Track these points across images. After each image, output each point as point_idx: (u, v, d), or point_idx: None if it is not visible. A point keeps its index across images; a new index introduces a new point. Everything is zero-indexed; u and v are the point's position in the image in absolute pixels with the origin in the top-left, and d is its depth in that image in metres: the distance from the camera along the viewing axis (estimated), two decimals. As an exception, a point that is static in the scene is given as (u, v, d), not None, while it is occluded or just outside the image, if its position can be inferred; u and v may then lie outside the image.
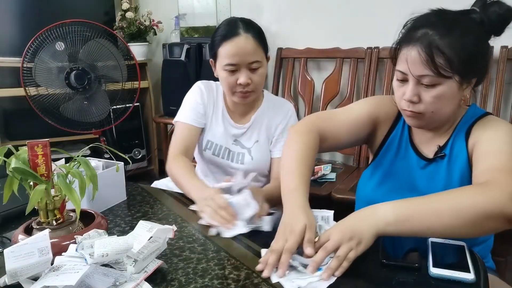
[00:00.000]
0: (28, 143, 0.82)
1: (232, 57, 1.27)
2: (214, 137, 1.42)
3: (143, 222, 0.83)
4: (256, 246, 0.91)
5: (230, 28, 1.29)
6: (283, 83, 2.55)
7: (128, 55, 2.34)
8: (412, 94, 0.93)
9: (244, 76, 1.28)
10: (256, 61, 1.28)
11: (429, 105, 0.93)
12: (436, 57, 0.88)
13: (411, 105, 0.94)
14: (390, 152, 1.10)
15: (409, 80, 0.93)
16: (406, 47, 0.93)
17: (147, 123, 3.04)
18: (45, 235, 0.74)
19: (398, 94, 0.98)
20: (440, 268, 0.78)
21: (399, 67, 0.95)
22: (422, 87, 0.92)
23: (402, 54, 0.94)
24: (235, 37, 1.27)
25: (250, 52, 1.27)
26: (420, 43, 0.89)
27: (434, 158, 1.02)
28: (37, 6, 2.64)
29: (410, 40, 0.92)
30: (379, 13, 2.22)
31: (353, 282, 0.78)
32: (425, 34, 0.90)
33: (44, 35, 2.05)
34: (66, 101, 2.14)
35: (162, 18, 2.91)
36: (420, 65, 0.90)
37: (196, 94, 1.43)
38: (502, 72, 1.95)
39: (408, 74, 0.93)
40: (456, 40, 0.89)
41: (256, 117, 1.42)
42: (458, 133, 1.00)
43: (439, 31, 0.89)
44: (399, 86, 0.97)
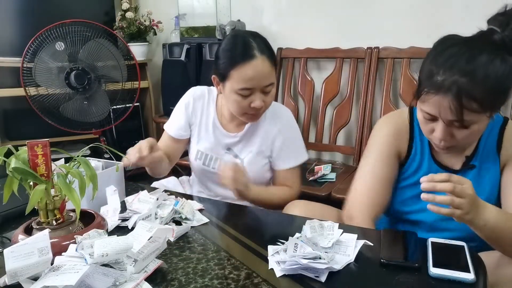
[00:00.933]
0: (28, 143, 0.82)
1: (249, 82, 1.19)
2: (204, 147, 1.39)
3: (143, 222, 0.83)
4: (256, 246, 0.91)
5: (245, 50, 1.20)
6: (283, 83, 2.55)
7: (128, 55, 2.35)
8: (444, 135, 0.92)
9: (259, 100, 1.22)
10: (271, 84, 1.23)
11: (462, 140, 0.93)
12: (467, 105, 0.86)
13: (443, 141, 0.94)
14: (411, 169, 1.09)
15: (439, 122, 0.92)
16: (434, 94, 0.89)
17: (147, 123, 3.04)
18: (45, 235, 0.74)
19: (426, 128, 0.97)
20: (440, 268, 0.78)
21: (427, 109, 0.92)
22: (454, 127, 0.91)
23: (430, 99, 0.90)
24: (252, 60, 1.18)
25: (266, 76, 1.21)
26: (451, 93, 0.86)
27: (461, 170, 1.02)
28: (37, 6, 2.64)
29: (439, 88, 0.88)
30: (379, 13, 2.22)
31: (353, 282, 0.78)
32: (454, 82, 0.86)
33: (44, 35, 2.05)
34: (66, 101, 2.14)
35: (162, 18, 2.91)
36: (451, 113, 0.88)
37: (182, 105, 1.41)
38: (502, 72, 1.95)
39: (438, 117, 0.91)
40: (485, 84, 0.86)
41: (251, 126, 1.36)
42: (487, 143, 1.01)
43: (467, 76, 0.86)
44: (426, 122, 0.95)
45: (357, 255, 0.85)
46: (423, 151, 1.08)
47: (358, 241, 0.89)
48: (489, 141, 1.02)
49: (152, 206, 1.03)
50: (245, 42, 1.21)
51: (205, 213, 1.10)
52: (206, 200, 1.24)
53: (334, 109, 2.34)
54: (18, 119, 2.65)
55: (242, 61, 1.18)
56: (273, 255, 0.85)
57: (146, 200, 1.06)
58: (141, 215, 1.00)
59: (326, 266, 0.78)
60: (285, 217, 1.14)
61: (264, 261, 0.84)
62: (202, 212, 1.10)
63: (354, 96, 2.30)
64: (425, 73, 0.93)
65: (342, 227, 0.94)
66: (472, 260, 0.81)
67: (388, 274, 0.79)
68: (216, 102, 1.40)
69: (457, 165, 1.04)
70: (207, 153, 1.39)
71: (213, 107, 1.39)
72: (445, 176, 0.81)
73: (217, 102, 1.40)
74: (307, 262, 0.78)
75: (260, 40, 1.23)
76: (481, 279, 0.77)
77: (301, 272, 0.79)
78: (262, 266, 0.83)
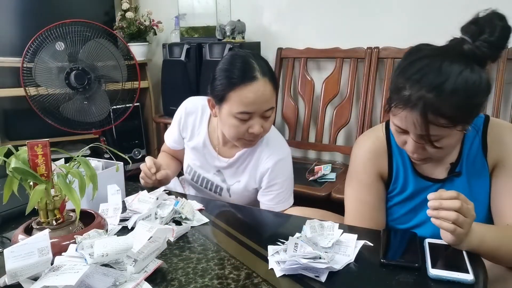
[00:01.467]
0: (28, 143, 0.82)
1: (249, 106, 1.11)
2: (193, 163, 1.37)
3: (143, 222, 0.83)
4: (256, 246, 0.91)
5: (245, 71, 1.12)
6: (283, 83, 2.55)
7: (128, 55, 2.34)
8: (414, 150, 0.91)
9: (258, 125, 1.14)
10: (271, 108, 1.16)
11: (435, 153, 0.91)
12: (434, 121, 0.84)
13: (416, 154, 0.93)
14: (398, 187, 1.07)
15: (409, 136, 0.91)
16: (401, 109, 0.87)
17: (147, 123, 3.04)
18: (45, 235, 0.74)
19: (399, 140, 0.96)
20: (439, 269, 0.77)
21: (397, 123, 0.91)
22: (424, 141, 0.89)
23: (398, 111, 0.88)
24: (253, 82, 1.11)
25: (268, 100, 1.13)
26: (416, 109, 0.84)
27: (447, 178, 1.00)
28: (37, 6, 2.64)
29: (406, 103, 0.86)
30: (379, 13, 2.22)
31: (353, 282, 0.78)
32: (420, 98, 0.83)
33: (44, 35, 2.04)
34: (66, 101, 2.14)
35: (162, 18, 2.91)
36: (419, 129, 0.86)
37: (175, 118, 1.39)
38: (502, 72, 1.95)
39: (408, 131, 0.90)
40: (453, 98, 0.82)
41: (243, 154, 1.28)
42: (472, 148, 0.99)
43: (434, 91, 0.82)
44: (398, 134, 0.94)
45: (357, 255, 0.85)
46: (405, 165, 1.05)
47: (358, 241, 0.89)
48: (474, 144, 0.99)
49: (152, 206, 1.03)
50: (246, 62, 1.13)
51: (205, 213, 1.10)
52: (206, 200, 1.24)
53: (334, 109, 2.34)
54: (18, 119, 2.64)
55: (243, 83, 1.11)
56: (273, 255, 0.85)
57: (146, 200, 1.06)
58: (141, 215, 1.00)
59: (326, 266, 0.78)
60: (285, 217, 1.14)
61: (264, 261, 0.84)
62: (202, 212, 1.10)
63: (354, 96, 2.30)
64: (394, 86, 0.89)
65: (342, 227, 0.94)
66: (471, 260, 0.81)
67: (388, 274, 0.79)
68: (209, 122, 1.34)
69: (442, 174, 1.01)
70: (195, 170, 1.38)
71: (205, 126, 1.33)
72: (454, 194, 0.80)
73: (210, 122, 1.33)
74: (307, 262, 0.78)
75: (262, 61, 1.16)
76: (480, 279, 0.77)
77: (301, 272, 0.79)
78: (262, 266, 0.83)
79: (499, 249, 0.86)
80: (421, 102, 0.83)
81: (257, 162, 1.28)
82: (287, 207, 1.29)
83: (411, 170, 1.04)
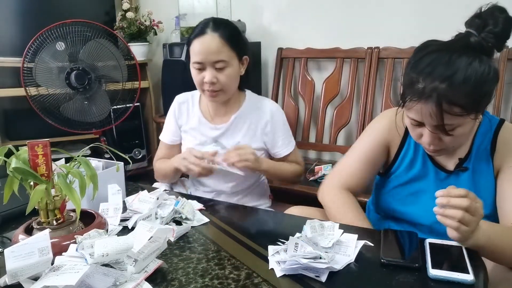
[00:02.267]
0: (29, 143, 0.82)
1: (198, 55, 1.29)
2: (193, 144, 1.43)
3: (143, 222, 0.83)
4: (256, 246, 0.91)
5: (200, 28, 1.31)
6: (283, 83, 2.55)
7: (128, 55, 2.34)
8: (431, 141, 0.94)
9: (208, 75, 1.29)
10: (221, 61, 1.28)
11: (450, 143, 0.94)
12: (448, 110, 0.87)
13: (432, 145, 0.95)
14: (405, 162, 1.10)
15: (425, 129, 0.94)
16: (416, 102, 0.91)
17: (147, 123, 3.04)
18: (45, 235, 0.74)
19: (414, 134, 0.99)
20: (439, 269, 0.77)
21: (412, 116, 0.94)
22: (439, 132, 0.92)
23: (413, 104, 0.92)
24: (201, 36, 1.28)
25: (214, 51, 1.27)
26: (431, 100, 0.88)
27: (454, 171, 1.03)
28: (37, 6, 2.64)
29: (420, 95, 0.89)
30: (379, 13, 2.22)
31: (354, 282, 0.78)
32: (434, 89, 0.87)
33: (45, 35, 2.04)
34: (67, 101, 2.14)
35: (162, 18, 2.91)
36: (435, 119, 0.89)
37: (170, 113, 1.50)
38: (503, 72, 1.95)
39: (425, 124, 0.93)
40: (465, 87, 0.86)
41: (237, 117, 1.41)
42: (481, 146, 1.01)
43: (446, 81, 0.86)
44: (414, 127, 0.97)
45: (358, 255, 0.85)
46: (417, 148, 1.09)
47: (358, 241, 0.89)
48: (483, 143, 1.02)
49: (153, 206, 1.03)
50: (204, 22, 1.33)
51: (206, 213, 1.10)
52: (206, 200, 1.24)
53: (334, 109, 2.34)
54: (18, 119, 2.64)
55: (195, 37, 1.30)
56: (274, 255, 0.85)
57: (147, 200, 1.06)
58: (141, 215, 1.00)
59: (327, 266, 0.78)
60: (285, 217, 1.14)
61: (265, 261, 0.84)
62: (203, 212, 1.10)
63: (354, 96, 2.30)
64: (407, 80, 0.94)
65: (343, 227, 0.94)
66: (471, 260, 0.81)
67: (388, 274, 0.79)
68: (200, 102, 1.47)
69: (451, 166, 1.04)
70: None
71: (197, 106, 1.46)
72: (463, 192, 0.80)
73: (200, 101, 1.47)
74: (307, 262, 0.78)
75: (220, 23, 1.31)
76: (481, 280, 0.77)
77: (301, 272, 0.79)
78: (262, 266, 0.83)
79: (505, 249, 0.87)
80: (435, 93, 0.87)
81: (252, 121, 1.41)
82: (293, 147, 1.46)
83: (423, 153, 1.07)
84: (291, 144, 1.46)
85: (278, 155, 1.44)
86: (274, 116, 1.42)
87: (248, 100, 1.44)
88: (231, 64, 1.31)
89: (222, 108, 1.42)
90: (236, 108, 1.42)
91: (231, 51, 1.30)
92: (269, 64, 2.63)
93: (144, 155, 2.97)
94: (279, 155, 1.44)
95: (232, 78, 1.33)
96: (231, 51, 1.30)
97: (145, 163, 2.99)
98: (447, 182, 1.03)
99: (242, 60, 1.36)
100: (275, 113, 1.42)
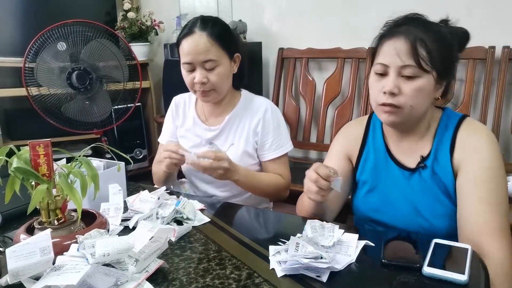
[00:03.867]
0: (30, 143, 0.82)
1: (187, 56, 1.27)
2: (188, 146, 1.41)
3: (144, 222, 0.83)
4: (257, 246, 0.91)
5: (188, 27, 1.29)
6: (284, 83, 2.55)
7: (129, 55, 2.35)
8: (393, 85, 0.94)
9: (198, 75, 1.27)
10: (210, 60, 1.26)
11: (409, 97, 0.94)
12: (419, 49, 0.92)
13: (390, 97, 0.95)
14: (368, 166, 1.11)
15: (390, 73, 0.95)
16: (389, 40, 0.96)
17: (148, 123, 3.04)
18: (46, 235, 0.74)
19: (375, 89, 0.99)
20: (434, 268, 0.77)
21: (381, 60, 0.97)
22: (402, 79, 0.95)
23: (385, 47, 0.97)
24: (189, 36, 1.26)
25: (202, 51, 1.25)
26: (405, 35, 0.94)
27: (416, 168, 1.03)
28: (38, 6, 2.64)
29: (394, 34, 0.96)
30: (380, 13, 2.22)
31: (354, 282, 0.78)
32: (409, 29, 0.95)
33: (46, 35, 2.05)
34: (68, 101, 2.14)
35: (163, 18, 2.91)
36: (404, 55, 0.93)
37: (168, 114, 1.51)
38: (504, 72, 1.95)
39: (390, 66, 0.95)
40: (436, 37, 0.94)
41: (230, 118, 1.38)
42: (441, 143, 1.01)
43: (422, 28, 0.95)
44: (377, 81, 0.99)
45: (358, 255, 0.85)
46: (377, 150, 1.10)
47: (359, 241, 0.89)
48: (443, 141, 1.01)
49: (154, 206, 1.04)
50: (193, 20, 1.30)
51: (207, 213, 1.10)
52: (207, 200, 1.24)
53: (335, 109, 2.34)
54: (20, 119, 2.65)
55: (184, 37, 1.28)
56: (274, 255, 0.85)
57: (148, 200, 1.06)
58: (142, 215, 1.00)
59: (328, 266, 0.78)
60: (286, 217, 1.14)
61: (266, 261, 0.84)
62: (204, 212, 1.10)
63: (355, 96, 2.30)
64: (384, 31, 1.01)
65: (343, 228, 0.94)
66: (472, 263, 0.80)
67: (389, 275, 0.79)
68: (196, 103, 1.46)
69: (413, 164, 1.04)
70: (190, 151, 1.38)
71: (193, 108, 1.45)
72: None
73: (197, 102, 1.46)
74: (308, 262, 0.78)
75: (208, 21, 1.28)
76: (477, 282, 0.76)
77: (302, 272, 0.79)
78: (263, 266, 0.83)
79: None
80: (410, 31, 0.94)
81: (247, 121, 1.38)
82: (285, 151, 1.39)
83: (385, 153, 1.09)
84: (280, 150, 1.37)
85: (262, 158, 1.38)
86: (266, 114, 1.36)
87: (243, 100, 1.40)
88: (221, 63, 1.28)
89: (216, 109, 1.40)
90: (230, 109, 1.39)
91: (220, 50, 1.27)
92: (270, 64, 2.63)
93: (145, 155, 2.97)
94: (263, 159, 1.38)
95: (223, 77, 1.30)
96: (220, 50, 1.27)
97: (146, 163, 2.99)
98: (413, 180, 1.03)
99: (234, 58, 1.33)
100: (267, 111, 1.37)
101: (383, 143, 1.10)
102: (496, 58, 1.96)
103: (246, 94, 1.43)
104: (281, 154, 1.37)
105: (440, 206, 1.00)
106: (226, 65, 1.30)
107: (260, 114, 1.36)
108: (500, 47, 1.96)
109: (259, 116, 1.36)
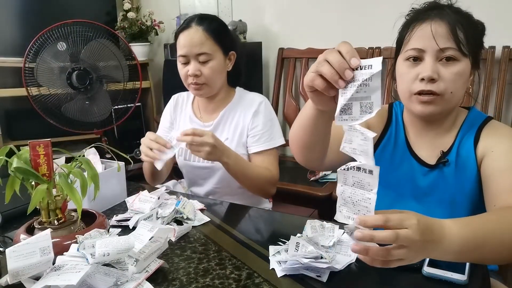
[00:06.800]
0: (30, 143, 0.82)
1: (182, 49, 1.30)
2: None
3: (144, 222, 0.83)
4: (257, 246, 0.91)
5: (186, 22, 1.32)
6: (284, 83, 2.55)
7: (129, 55, 2.35)
8: (432, 70, 0.87)
9: (192, 67, 1.30)
10: (203, 53, 1.29)
11: (450, 82, 0.87)
12: (458, 31, 0.87)
13: (429, 84, 0.87)
14: (384, 158, 1.04)
15: (426, 58, 0.89)
16: (423, 23, 0.90)
17: (148, 123, 3.04)
18: (46, 235, 0.74)
19: (408, 77, 0.91)
20: (434, 268, 0.77)
21: (414, 45, 0.90)
22: (440, 64, 0.88)
23: (418, 31, 0.90)
24: (186, 30, 1.30)
25: (196, 44, 1.28)
26: (441, 18, 0.88)
27: (436, 165, 0.98)
28: (39, 7, 2.64)
29: (427, 17, 0.90)
30: (380, 13, 2.22)
31: (355, 282, 0.78)
32: (442, 11, 0.89)
33: (46, 35, 2.05)
34: (68, 101, 2.14)
35: (163, 18, 2.91)
36: (442, 37, 0.87)
37: (166, 111, 1.53)
38: (504, 72, 1.95)
39: (426, 50, 0.88)
40: (471, 22, 0.90)
41: (224, 113, 1.39)
42: (464, 138, 0.96)
43: (455, 11, 0.90)
44: (410, 67, 0.91)
45: (358, 255, 0.85)
46: (398, 142, 1.03)
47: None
48: (467, 137, 0.97)
49: (154, 206, 1.04)
50: (190, 17, 1.34)
51: (207, 213, 1.10)
52: (207, 200, 1.24)
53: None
54: (20, 119, 2.65)
55: (181, 31, 1.32)
56: (274, 255, 0.85)
57: (148, 200, 1.06)
58: (142, 215, 1.00)
59: (328, 266, 0.78)
60: (286, 217, 1.14)
61: (265, 261, 0.84)
62: (204, 212, 1.11)
63: (355, 96, 2.29)
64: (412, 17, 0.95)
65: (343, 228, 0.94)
66: (473, 265, 0.79)
67: (389, 275, 0.79)
68: (193, 101, 1.48)
69: (432, 159, 0.99)
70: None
71: (190, 105, 1.47)
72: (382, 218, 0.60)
73: (194, 100, 1.48)
74: (308, 262, 0.78)
75: (206, 18, 1.32)
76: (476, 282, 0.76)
77: (302, 272, 0.79)
78: (263, 266, 0.83)
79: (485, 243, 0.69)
80: (445, 13, 0.89)
81: (239, 117, 1.38)
82: (274, 145, 1.37)
83: (403, 147, 1.02)
84: (267, 144, 1.35)
85: (250, 149, 1.37)
86: (260, 107, 1.37)
87: (237, 96, 1.42)
88: (214, 57, 1.30)
89: (210, 105, 1.42)
90: (224, 105, 1.40)
91: (215, 44, 1.30)
92: (270, 64, 2.63)
93: (145, 155, 2.98)
94: (251, 150, 1.36)
95: (216, 72, 1.32)
96: (215, 45, 1.30)
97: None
98: (430, 177, 0.99)
99: (229, 55, 1.35)
100: (261, 104, 1.38)
101: (404, 135, 1.03)
102: (496, 58, 1.96)
103: (240, 91, 1.45)
104: (270, 147, 1.36)
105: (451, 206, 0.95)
106: (219, 60, 1.32)
107: (254, 108, 1.37)
108: (500, 47, 1.96)
109: (252, 110, 1.37)
